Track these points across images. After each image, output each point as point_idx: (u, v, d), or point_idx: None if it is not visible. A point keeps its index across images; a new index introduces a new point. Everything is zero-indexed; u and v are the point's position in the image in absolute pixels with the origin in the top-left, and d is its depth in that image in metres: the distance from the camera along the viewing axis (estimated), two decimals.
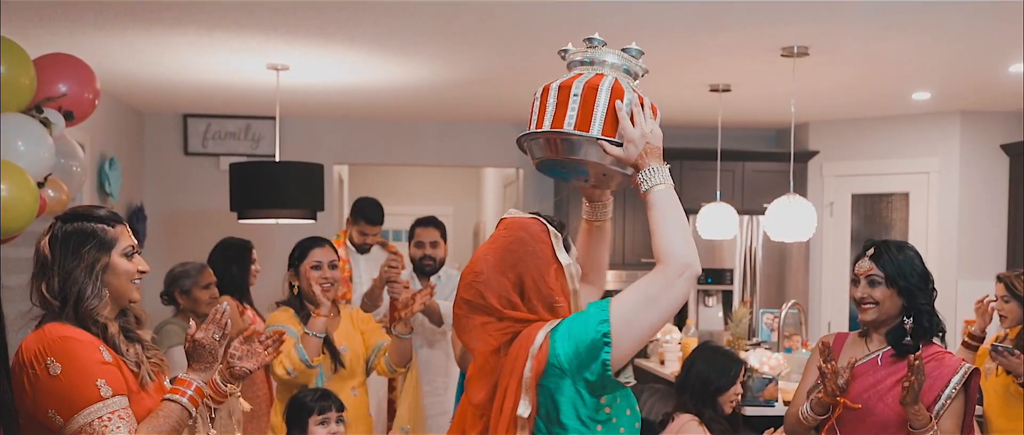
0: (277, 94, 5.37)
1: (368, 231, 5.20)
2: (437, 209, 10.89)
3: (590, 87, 2.00)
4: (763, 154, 7.17)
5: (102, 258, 2.20)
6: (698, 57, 4.78)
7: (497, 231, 2.07)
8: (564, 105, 1.99)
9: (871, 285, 2.72)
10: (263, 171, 5.32)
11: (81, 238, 2.19)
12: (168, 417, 2.15)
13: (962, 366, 2.66)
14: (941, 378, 2.64)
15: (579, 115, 1.98)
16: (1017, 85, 5.48)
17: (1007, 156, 6.51)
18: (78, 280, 2.17)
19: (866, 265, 2.73)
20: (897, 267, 2.69)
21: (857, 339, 2.85)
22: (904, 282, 2.68)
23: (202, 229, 6.51)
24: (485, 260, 2.01)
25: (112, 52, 4.68)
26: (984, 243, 6.56)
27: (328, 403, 3.22)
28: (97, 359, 2.11)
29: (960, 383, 2.63)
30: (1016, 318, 3.99)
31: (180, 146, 6.98)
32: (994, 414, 4.04)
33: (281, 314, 3.54)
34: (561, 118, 1.99)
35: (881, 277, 2.70)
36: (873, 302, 2.72)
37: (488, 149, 7.44)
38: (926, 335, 2.71)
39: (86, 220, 2.22)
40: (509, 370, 1.92)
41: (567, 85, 2.01)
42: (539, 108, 2.03)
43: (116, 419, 2.08)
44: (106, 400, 2.08)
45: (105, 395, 2.08)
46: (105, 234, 2.22)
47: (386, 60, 4.92)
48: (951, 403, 2.62)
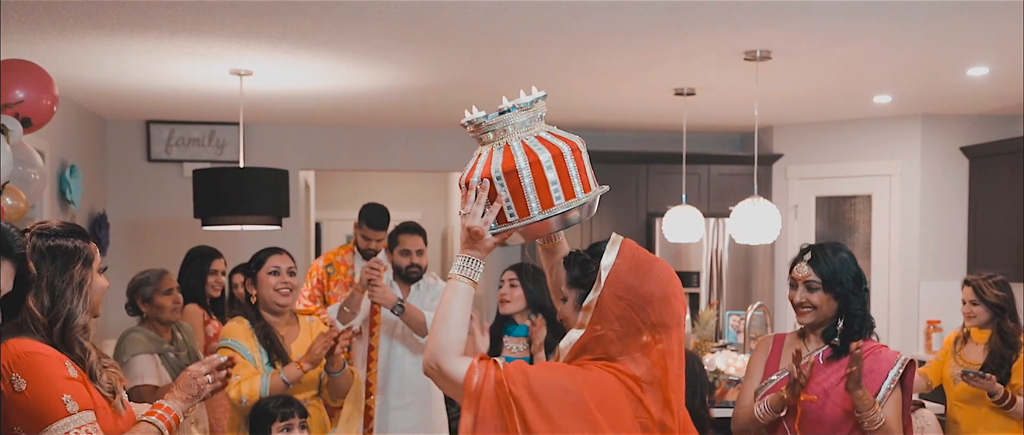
0: (241, 99, 5.32)
1: (371, 236, 5.17)
2: (405, 215, 10.85)
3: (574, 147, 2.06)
4: (728, 157, 7.23)
5: (88, 276, 2.17)
6: (662, 61, 4.80)
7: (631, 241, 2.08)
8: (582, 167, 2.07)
9: (809, 290, 2.79)
10: (227, 177, 5.26)
11: (69, 256, 2.15)
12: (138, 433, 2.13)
13: (898, 359, 2.75)
14: (880, 372, 2.72)
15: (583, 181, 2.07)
16: (977, 88, 5.57)
17: (967, 158, 6.61)
18: (69, 300, 2.13)
19: (804, 271, 2.80)
20: (833, 272, 2.76)
21: (795, 339, 2.93)
22: (840, 288, 2.76)
23: (166, 236, 6.46)
24: None
25: (72, 58, 4.62)
26: (946, 244, 6.65)
27: (290, 409, 3.20)
28: (63, 374, 2.06)
29: (897, 375, 2.72)
30: (983, 320, 4.03)
31: (143, 153, 6.90)
32: (965, 417, 4.07)
33: (236, 326, 3.45)
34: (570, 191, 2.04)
35: (818, 282, 2.77)
36: (811, 306, 2.80)
37: (455, 154, 7.42)
38: (855, 338, 2.78)
39: (66, 237, 2.18)
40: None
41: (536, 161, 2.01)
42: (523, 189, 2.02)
43: (84, 433, 2.04)
44: (72, 415, 2.03)
45: (71, 410, 2.03)
46: (87, 251, 2.19)
47: (351, 66, 4.89)
48: (891, 395, 2.71)
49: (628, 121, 6.86)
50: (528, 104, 2.03)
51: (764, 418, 2.80)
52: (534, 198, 2.00)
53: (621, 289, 1.97)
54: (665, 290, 1.99)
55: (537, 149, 2.00)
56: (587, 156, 2.09)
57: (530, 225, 2.02)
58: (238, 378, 3.26)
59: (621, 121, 6.86)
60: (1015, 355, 3.91)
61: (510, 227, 2.04)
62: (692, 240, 5.94)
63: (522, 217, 2.02)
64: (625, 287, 1.97)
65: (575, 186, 2.02)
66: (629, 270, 1.99)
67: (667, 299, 1.99)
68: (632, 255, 2.01)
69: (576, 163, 2.03)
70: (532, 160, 1.99)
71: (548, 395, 1.88)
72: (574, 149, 2.04)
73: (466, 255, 2.04)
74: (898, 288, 6.76)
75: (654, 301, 1.98)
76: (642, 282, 1.98)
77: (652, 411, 1.95)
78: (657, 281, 1.99)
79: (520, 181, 1.99)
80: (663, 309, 1.98)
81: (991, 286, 3.99)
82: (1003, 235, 6.20)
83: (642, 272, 1.99)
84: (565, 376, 1.94)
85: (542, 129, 2.06)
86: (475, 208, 2.02)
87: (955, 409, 4.12)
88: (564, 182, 2.00)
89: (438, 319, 1.99)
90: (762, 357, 2.97)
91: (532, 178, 1.99)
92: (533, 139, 2.02)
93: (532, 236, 2.09)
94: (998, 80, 5.31)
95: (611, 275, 1.98)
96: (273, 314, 3.50)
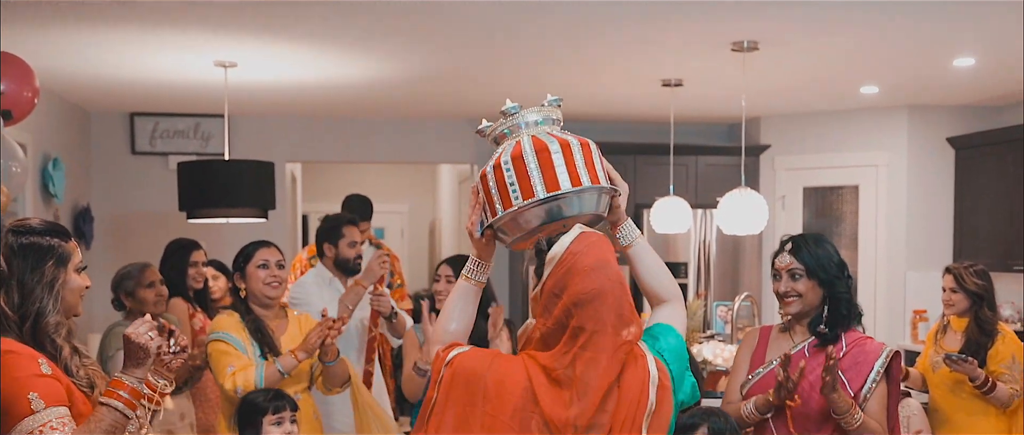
0: (226, 91, 5.28)
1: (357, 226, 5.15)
2: (393, 207, 10.88)
3: (584, 143, 2.03)
4: (715, 148, 7.23)
5: (60, 275, 2.15)
6: (650, 52, 4.79)
7: (597, 236, 1.95)
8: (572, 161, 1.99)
9: (793, 279, 2.80)
10: (212, 170, 5.23)
11: (41, 254, 2.14)
12: (99, 421, 2.08)
13: (883, 350, 2.75)
14: (866, 364, 2.73)
15: (589, 170, 2.00)
16: (963, 79, 5.58)
17: (953, 149, 6.63)
18: (38, 297, 2.12)
19: (786, 260, 2.81)
20: (816, 259, 2.77)
21: (781, 332, 2.93)
22: (824, 273, 2.76)
23: (151, 230, 6.41)
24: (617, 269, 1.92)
25: (54, 50, 4.57)
26: (931, 235, 6.68)
27: (282, 403, 3.17)
28: (33, 372, 2.04)
29: (883, 366, 2.72)
30: (962, 308, 4.09)
31: (127, 145, 6.85)
32: (946, 404, 4.11)
33: (226, 320, 3.45)
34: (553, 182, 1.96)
35: (802, 270, 2.78)
36: (796, 295, 2.80)
37: (443, 146, 7.41)
38: (844, 323, 2.80)
39: (43, 235, 2.17)
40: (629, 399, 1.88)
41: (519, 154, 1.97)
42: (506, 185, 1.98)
43: (48, 430, 2.01)
44: (36, 414, 2.01)
45: (36, 409, 2.01)
46: (62, 250, 2.17)
47: (337, 57, 4.86)
48: (876, 387, 2.72)
49: (616, 112, 6.85)
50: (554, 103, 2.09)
51: (751, 419, 2.80)
52: (516, 188, 1.97)
53: (556, 285, 1.89)
54: (595, 293, 1.84)
55: (547, 140, 1.99)
56: (596, 156, 2.04)
57: (514, 218, 1.99)
58: (232, 368, 3.26)
59: (609, 112, 6.85)
60: (990, 342, 3.99)
61: (494, 220, 2.02)
62: (680, 231, 5.94)
63: (506, 208, 1.99)
64: (559, 282, 1.88)
65: (560, 179, 1.96)
66: (570, 266, 1.88)
67: (592, 302, 1.84)
68: (578, 251, 1.89)
69: (564, 158, 1.97)
70: (515, 154, 1.97)
71: (459, 380, 1.92)
72: (584, 145, 2.01)
73: (472, 257, 2.14)
74: (884, 278, 6.79)
75: (581, 303, 1.84)
76: (575, 280, 1.86)
77: (545, 408, 1.84)
78: (591, 282, 1.85)
79: (502, 175, 1.98)
80: (585, 313, 1.84)
81: (972, 275, 4.06)
82: (989, 225, 6.23)
83: (580, 269, 1.86)
84: (484, 362, 1.93)
85: (554, 129, 2.06)
86: (470, 210, 2.07)
87: (936, 397, 4.18)
88: (546, 174, 1.95)
89: (440, 315, 2.15)
90: (747, 351, 2.97)
91: (514, 171, 1.97)
92: (544, 134, 2.02)
93: (524, 230, 2.03)
94: (984, 71, 5.32)
95: (553, 268, 1.91)
96: (262, 307, 3.49)
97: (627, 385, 1.87)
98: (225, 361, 3.31)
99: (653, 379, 1.89)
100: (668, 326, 2.07)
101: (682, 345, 2.06)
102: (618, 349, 1.86)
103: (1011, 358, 3.95)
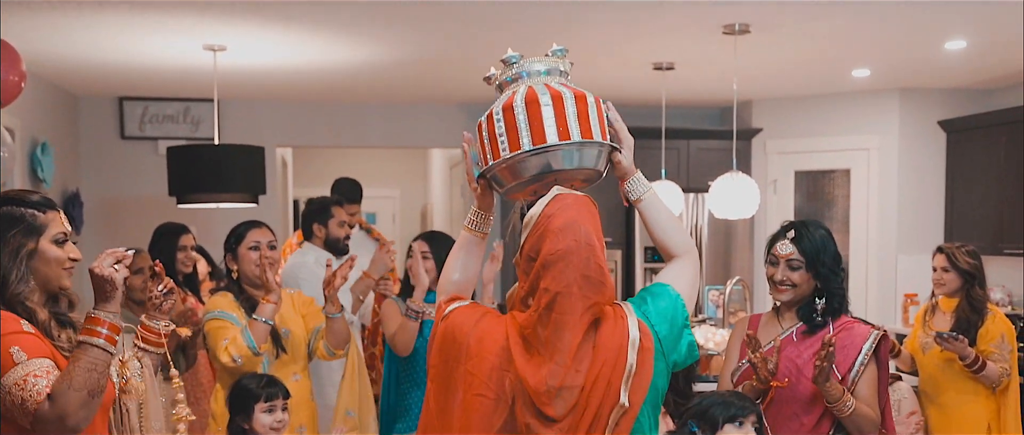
0: (215, 75, 5.25)
1: (347, 209, 5.13)
2: (385, 191, 10.85)
3: (580, 96, 1.99)
4: (707, 132, 7.22)
5: (28, 243, 2.15)
6: (641, 34, 4.78)
7: (573, 197, 1.92)
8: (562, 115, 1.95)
9: (791, 268, 2.79)
10: (202, 154, 5.21)
11: (8, 223, 2.15)
12: (76, 359, 2.06)
13: (871, 333, 2.76)
14: (853, 347, 2.74)
15: (581, 124, 1.96)
16: (954, 62, 5.58)
17: (944, 132, 6.63)
18: (2, 265, 2.13)
19: (788, 248, 2.80)
20: (816, 250, 2.77)
21: (770, 318, 2.94)
22: (822, 267, 2.77)
23: (141, 215, 6.38)
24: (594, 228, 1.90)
25: (40, 33, 4.53)
26: (923, 218, 6.69)
27: (275, 390, 3.18)
28: (14, 329, 2.06)
29: (871, 350, 2.74)
30: (953, 288, 4.11)
31: (116, 130, 6.81)
32: (935, 386, 4.13)
33: (220, 299, 3.47)
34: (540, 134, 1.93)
35: (801, 261, 2.78)
36: (791, 284, 2.80)
37: (434, 130, 7.39)
38: (835, 315, 2.81)
39: (16, 204, 2.18)
40: (605, 359, 1.85)
41: (510, 106, 1.95)
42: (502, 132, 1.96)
43: (32, 379, 2.02)
44: (20, 364, 2.03)
45: (19, 360, 2.03)
46: (34, 219, 2.17)
47: (327, 40, 4.83)
48: (864, 370, 2.73)
49: (607, 96, 6.73)
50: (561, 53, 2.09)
51: None
52: (504, 140, 1.96)
53: (532, 248, 1.89)
54: (561, 254, 1.83)
55: (561, 89, 1.98)
56: (593, 110, 2.00)
57: (510, 167, 1.97)
58: (227, 342, 3.27)
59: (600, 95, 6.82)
60: (981, 321, 4.01)
61: (485, 169, 2.00)
62: None
63: (495, 158, 1.98)
64: (534, 246, 1.89)
65: (547, 132, 1.93)
66: (544, 228, 1.87)
67: (557, 264, 1.83)
68: (552, 213, 1.88)
69: (553, 111, 1.94)
70: (506, 105, 1.96)
71: (449, 335, 1.96)
72: (579, 98, 1.98)
73: (472, 207, 2.12)
74: (875, 261, 6.80)
75: (548, 264, 1.84)
76: (546, 242, 1.86)
77: (519, 367, 1.85)
78: (558, 243, 1.84)
79: (493, 125, 1.97)
80: (550, 275, 1.84)
81: (964, 254, 4.09)
82: (979, 209, 6.24)
83: (551, 231, 1.86)
84: (471, 319, 1.95)
85: (560, 80, 2.05)
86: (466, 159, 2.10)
87: (926, 378, 4.20)
88: (534, 126, 1.93)
89: (444, 268, 2.15)
90: (738, 339, 2.99)
91: (503, 121, 1.96)
92: (556, 83, 2.01)
93: (517, 181, 2.00)
94: (975, 54, 5.32)
95: (529, 231, 1.91)
96: (254, 288, 3.50)
97: (603, 345, 1.86)
98: (221, 335, 3.34)
99: (633, 341, 1.86)
100: (664, 285, 2.02)
101: (676, 305, 1.99)
102: (586, 311, 1.84)
103: (1000, 337, 3.98)
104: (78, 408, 2.01)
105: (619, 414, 1.84)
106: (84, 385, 2.02)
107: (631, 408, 1.86)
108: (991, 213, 6.10)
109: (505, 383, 1.86)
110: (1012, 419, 4.05)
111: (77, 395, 2.01)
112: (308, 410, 3.55)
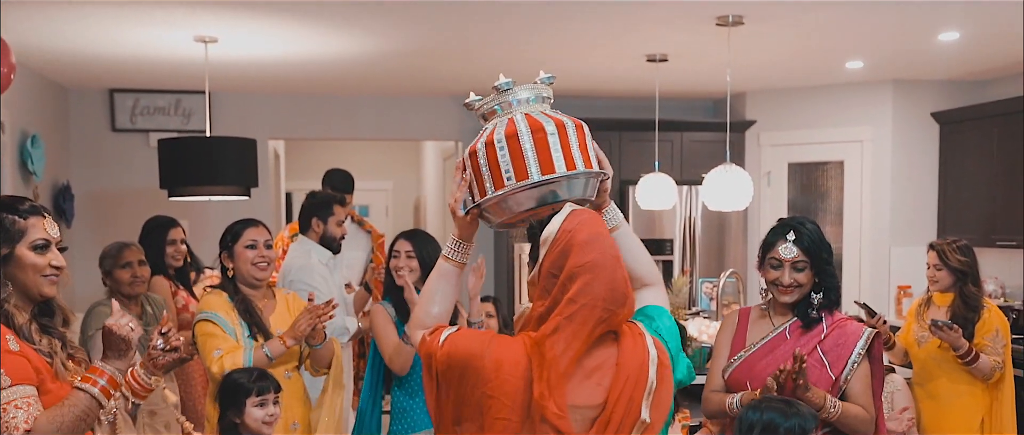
0: (206, 67, 5.21)
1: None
2: (377, 184, 10.82)
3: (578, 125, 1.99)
4: (701, 124, 7.21)
5: (2, 249, 2.11)
6: (634, 26, 4.76)
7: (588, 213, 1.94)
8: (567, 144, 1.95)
9: (797, 270, 2.77)
10: (193, 147, 5.17)
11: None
12: (74, 406, 2.07)
13: (864, 331, 2.76)
14: (847, 346, 2.73)
15: (583, 154, 1.96)
16: (947, 54, 5.57)
17: (938, 124, 6.63)
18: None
19: (792, 251, 2.76)
20: (816, 247, 2.76)
21: (761, 314, 2.92)
22: (821, 262, 2.76)
23: (132, 208, 6.35)
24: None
25: (30, 24, 4.49)
26: (916, 210, 6.69)
27: (266, 384, 3.14)
28: (1, 347, 2.02)
29: (864, 347, 2.73)
30: (946, 284, 4.10)
31: (107, 122, 6.77)
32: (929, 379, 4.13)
33: (214, 299, 3.41)
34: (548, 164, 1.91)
35: (806, 262, 2.76)
36: (798, 285, 2.78)
37: (427, 122, 7.36)
38: (831, 307, 2.80)
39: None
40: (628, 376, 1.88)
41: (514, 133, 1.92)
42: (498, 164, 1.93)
43: (12, 409, 1.99)
44: (4, 389, 1.99)
45: (3, 385, 2.00)
46: (13, 225, 2.13)
47: (319, 32, 4.80)
48: (858, 368, 2.72)
49: (600, 88, 6.81)
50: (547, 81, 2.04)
51: (735, 413, 2.78)
52: (509, 169, 1.92)
53: (553, 264, 1.89)
54: (590, 264, 1.85)
55: (543, 121, 1.93)
56: (589, 138, 2.00)
57: (502, 199, 1.95)
58: (219, 352, 3.22)
59: (593, 88, 6.81)
60: (977, 317, 4.00)
61: (483, 200, 1.97)
62: (665, 207, 5.93)
63: (498, 188, 1.94)
64: (556, 262, 1.88)
65: (556, 162, 1.90)
66: (566, 243, 1.87)
67: (584, 275, 1.85)
68: (571, 228, 1.89)
69: (560, 140, 1.92)
70: (509, 133, 1.91)
71: (456, 362, 1.93)
72: (578, 127, 1.97)
73: (453, 237, 2.09)
74: (869, 253, 6.81)
75: (575, 275, 1.85)
76: (572, 255, 1.86)
77: (541, 386, 1.84)
78: (587, 255, 1.85)
79: (495, 153, 1.92)
80: (578, 286, 1.85)
81: (955, 251, 4.07)
82: (973, 200, 6.25)
83: (576, 244, 1.86)
84: (481, 343, 1.92)
85: (547, 108, 2.01)
86: (454, 187, 2.04)
87: (920, 371, 4.20)
88: (542, 156, 1.90)
89: (421, 297, 2.13)
90: (728, 334, 2.96)
91: (508, 150, 1.91)
92: (538, 113, 1.96)
93: (511, 214, 1.99)
94: (968, 46, 5.32)
95: (549, 249, 1.90)
96: (250, 288, 3.45)
97: (625, 363, 1.87)
98: (212, 344, 3.27)
99: (653, 358, 1.89)
100: (661, 308, 2.07)
101: (676, 326, 2.07)
102: (599, 323, 1.86)
103: (995, 331, 3.98)
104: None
105: (641, 430, 1.86)
106: (71, 431, 2.05)
107: (653, 424, 1.88)
108: (984, 205, 6.11)
109: (530, 405, 1.85)
110: (1007, 413, 4.06)
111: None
112: (302, 407, 3.53)
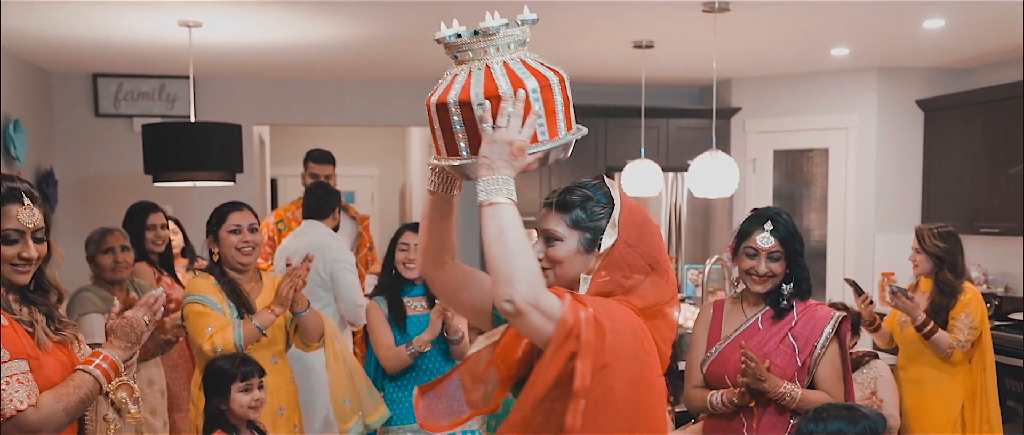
0: (190, 52, 5.17)
1: (318, 171, 5.12)
2: (363, 170, 10.79)
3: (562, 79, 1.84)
4: (687, 111, 7.22)
5: None
6: (621, 13, 4.75)
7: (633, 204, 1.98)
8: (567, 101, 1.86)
9: (772, 260, 2.80)
10: (178, 132, 5.14)
11: None
12: (78, 387, 2.12)
13: (833, 315, 2.79)
14: (816, 330, 2.77)
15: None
16: (932, 41, 5.59)
17: (922, 111, 6.66)
18: None
19: (769, 241, 2.79)
20: (791, 237, 2.79)
21: (734, 304, 2.95)
22: (794, 253, 2.79)
23: (116, 193, 6.31)
24: None
25: (11, 8, 4.44)
26: (901, 197, 6.73)
27: (250, 369, 3.14)
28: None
29: (832, 330, 2.76)
30: (925, 269, 4.14)
31: (90, 107, 6.72)
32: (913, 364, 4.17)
33: (201, 282, 3.42)
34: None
35: (781, 251, 2.79)
36: (773, 275, 2.80)
37: (413, 108, 7.34)
38: (804, 296, 2.83)
39: None
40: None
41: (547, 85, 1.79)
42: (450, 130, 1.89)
43: (15, 383, 2.02)
44: (2, 363, 2.02)
45: (2, 358, 2.02)
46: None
47: (304, 17, 4.77)
48: (825, 351, 2.75)
49: (586, 74, 6.80)
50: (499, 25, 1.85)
51: (720, 410, 2.82)
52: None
53: (632, 237, 1.91)
54: (657, 229, 1.98)
55: (522, 75, 1.78)
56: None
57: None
58: (211, 330, 3.23)
59: (579, 74, 6.80)
60: (951, 303, 4.03)
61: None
62: (651, 194, 5.94)
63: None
64: (636, 235, 1.92)
65: (559, 123, 1.80)
66: (633, 216, 1.94)
67: (655, 236, 1.96)
68: (629, 201, 1.97)
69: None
70: (543, 83, 1.79)
71: (616, 328, 1.79)
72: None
73: (503, 175, 1.74)
74: (854, 240, 6.84)
75: (657, 246, 1.95)
76: (648, 226, 1.95)
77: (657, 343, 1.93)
78: (652, 225, 1.97)
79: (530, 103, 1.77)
80: (656, 246, 1.95)
81: (934, 237, 4.09)
82: (956, 187, 6.28)
83: (642, 217, 1.95)
84: (620, 309, 1.86)
85: (527, 55, 1.86)
86: (514, 121, 1.75)
87: (904, 356, 4.24)
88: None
89: (510, 252, 1.68)
90: (703, 328, 2.98)
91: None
92: (517, 63, 1.82)
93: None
94: (954, 33, 5.33)
95: (622, 221, 1.92)
96: (236, 272, 3.45)
97: None
98: (203, 322, 3.29)
99: None
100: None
101: None
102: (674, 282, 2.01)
103: (965, 312, 4.01)
104: (57, 427, 2.08)
105: None
106: (75, 412, 2.11)
107: None
108: (967, 192, 6.15)
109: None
110: (990, 398, 4.09)
111: (65, 418, 2.09)
112: (288, 393, 3.53)
